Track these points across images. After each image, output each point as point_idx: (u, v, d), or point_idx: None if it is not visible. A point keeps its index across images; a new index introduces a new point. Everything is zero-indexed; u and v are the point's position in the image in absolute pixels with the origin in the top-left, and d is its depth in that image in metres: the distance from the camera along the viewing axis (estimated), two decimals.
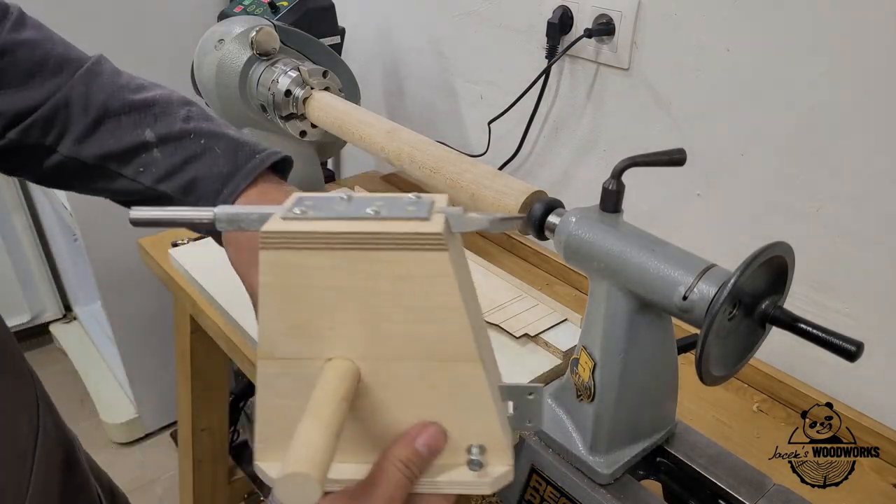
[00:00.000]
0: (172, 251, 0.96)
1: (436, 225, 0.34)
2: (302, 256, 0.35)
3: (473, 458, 0.39)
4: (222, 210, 0.37)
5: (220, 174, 0.48)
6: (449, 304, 0.36)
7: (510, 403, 0.41)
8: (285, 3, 1.07)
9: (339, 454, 0.35)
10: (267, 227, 0.34)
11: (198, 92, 1.00)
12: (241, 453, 1.70)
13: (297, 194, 0.38)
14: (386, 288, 0.36)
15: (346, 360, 0.37)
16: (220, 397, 1.29)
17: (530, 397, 0.41)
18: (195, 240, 1.05)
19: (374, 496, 0.35)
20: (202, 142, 0.49)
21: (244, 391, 1.58)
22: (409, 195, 0.37)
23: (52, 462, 0.49)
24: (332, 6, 1.10)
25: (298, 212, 0.35)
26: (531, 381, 0.73)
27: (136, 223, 0.38)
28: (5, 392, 0.44)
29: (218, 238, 0.52)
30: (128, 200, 0.52)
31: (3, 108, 0.47)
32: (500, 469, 0.39)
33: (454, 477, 0.39)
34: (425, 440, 0.37)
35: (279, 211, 0.36)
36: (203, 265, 0.93)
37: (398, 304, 0.36)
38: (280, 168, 0.52)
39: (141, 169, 0.49)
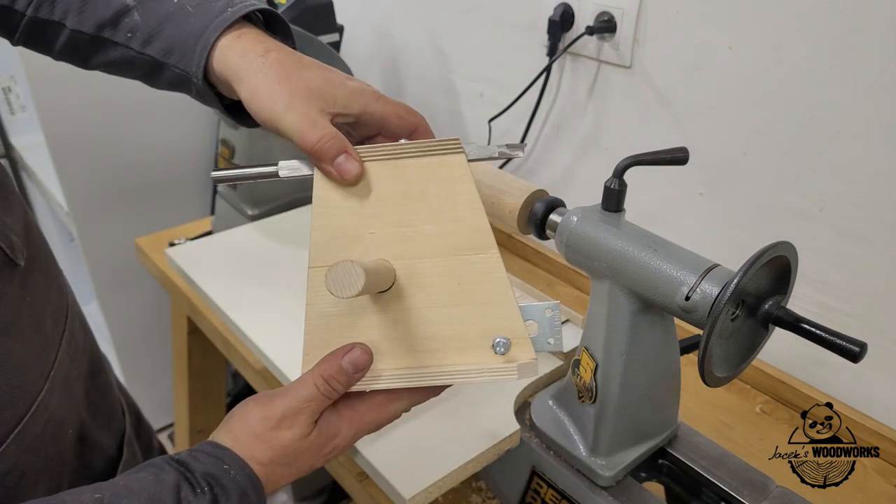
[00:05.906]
0: (169, 251, 0.95)
1: (452, 138, 0.43)
2: None
3: (499, 349, 0.44)
4: (285, 164, 0.45)
5: (193, 32, 0.48)
6: (468, 201, 0.43)
7: (533, 324, 0.45)
8: (283, 1, 1.06)
9: (378, 361, 0.45)
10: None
11: None
12: None
13: None
14: (415, 192, 0.44)
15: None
16: (218, 399, 1.28)
17: (549, 314, 0.45)
18: (192, 239, 1.04)
19: (281, 405, 0.42)
20: (175, 0, 0.49)
21: (241, 393, 1.57)
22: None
23: (77, 362, 0.54)
24: (331, 3, 1.10)
25: None
26: (531, 383, 0.72)
27: (216, 181, 0.46)
28: (33, 287, 0.48)
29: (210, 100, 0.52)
30: (133, 72, 0.53)
31: None
32: (525, 358, 0.44)
33: (484, 364, 0.44)
34: (350, 358, 0.43)
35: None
36: (200, 265, 0.92)
37: (426, 206, 0.44)
38: (271, 21, 0.52)
39: (129, 34, 0.50)
